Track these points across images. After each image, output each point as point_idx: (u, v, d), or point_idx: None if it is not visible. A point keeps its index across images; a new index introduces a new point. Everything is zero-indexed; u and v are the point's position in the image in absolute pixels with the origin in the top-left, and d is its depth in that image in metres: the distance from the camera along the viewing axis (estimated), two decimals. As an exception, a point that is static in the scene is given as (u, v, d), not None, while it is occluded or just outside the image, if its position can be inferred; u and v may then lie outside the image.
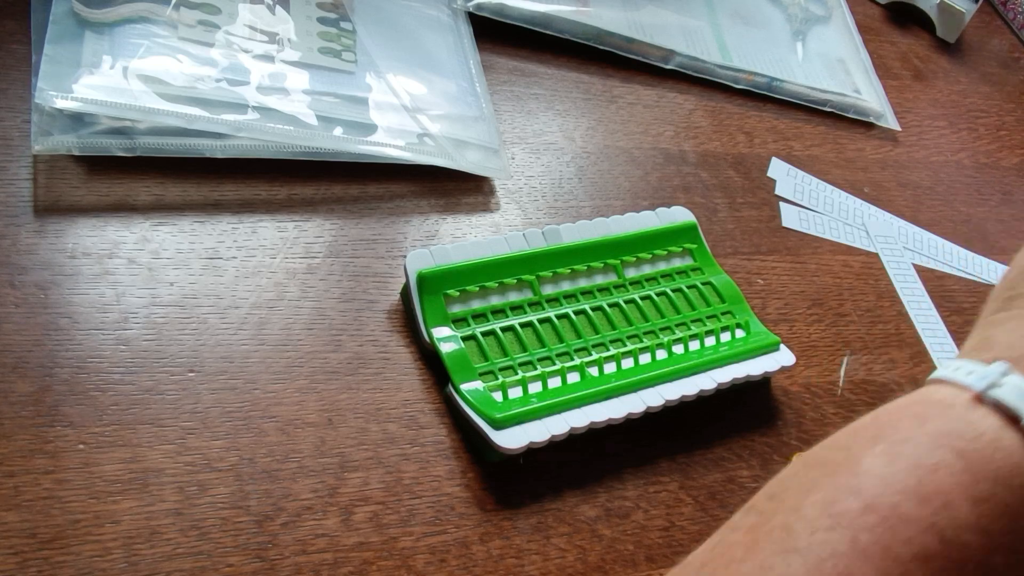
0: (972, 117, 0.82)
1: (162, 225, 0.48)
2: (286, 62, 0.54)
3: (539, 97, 0.64)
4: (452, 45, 0.62)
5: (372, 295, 0.50)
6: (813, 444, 0.52)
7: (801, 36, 0.79)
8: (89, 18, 0.50)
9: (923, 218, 0.70)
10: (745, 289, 0.57)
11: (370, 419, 0.45)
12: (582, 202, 0.59)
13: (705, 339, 0.52)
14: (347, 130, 0.53)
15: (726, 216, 0.63)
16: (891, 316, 0.62)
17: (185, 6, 0.54)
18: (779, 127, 0.72)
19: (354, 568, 0.40)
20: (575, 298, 0.51)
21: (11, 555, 0.36)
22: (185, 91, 0.50)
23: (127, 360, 0.43)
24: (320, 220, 0.52)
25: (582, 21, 0.67)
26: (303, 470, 0.42)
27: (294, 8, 0.58)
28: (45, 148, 0.46)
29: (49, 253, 0.45)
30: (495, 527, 0.43)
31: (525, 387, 0.46)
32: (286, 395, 0.44)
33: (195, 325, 0.45)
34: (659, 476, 0.48)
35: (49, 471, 0.39)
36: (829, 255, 0.64)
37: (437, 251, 0.48)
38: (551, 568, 0.43)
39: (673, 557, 0.45)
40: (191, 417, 0.42)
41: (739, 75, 0.72)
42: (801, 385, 0.55)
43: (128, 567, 0.37)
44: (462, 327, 0.48)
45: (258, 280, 0.48)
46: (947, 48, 0.88)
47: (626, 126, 0.66)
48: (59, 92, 0.46)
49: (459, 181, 0.56)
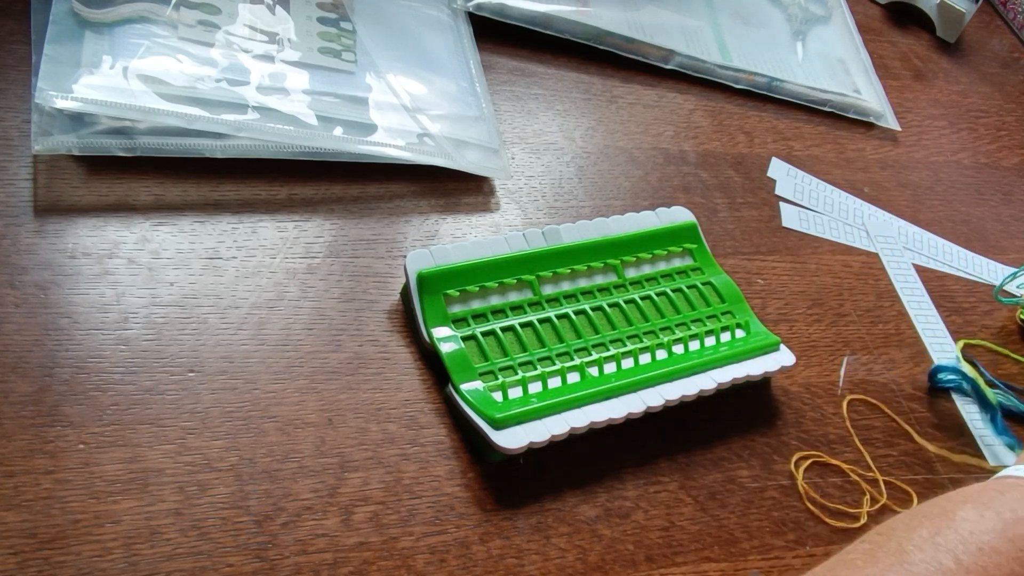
0: (972, 117, 0.82)
1: (162, 225, 0.48)
2: (286, 62, 0.54)
3: (539, 97, 0.64)
4: (452, 45, 0.62)
5: (372, 295, 0.50)
6: (813, 444, 0.52)
7: (801, 36, 0.79)
8: (89, 18, 0.50)
9: (923, 218, 0.70)
10: (745, 289, 0.57)
11: (370, 419, 0.45)
12: (582, 202, 0.59)
13: (705, 339, 0.52)
14: (347, 130, 0.53)
15: (726, 216, 0.63)
16: (891, 316, 0.62)
17: (185, 6, 0.54)
18: (779, 127, 0.72)
19: (354, 568, 0.40)
20: (575, 298, 0.51)
21: (11, 555, 0.36)
22: (185, 91, 0.50)
23: (127, 360, 0.43)
24: (320, 220, 0.52)
25: (582, 21, 0.67)
26: (303, 470, 0.42)
27: (294, 8, 0.58)
28: (45, 148, 0.46)
29: (49, 253, 0.45)
30: (495, 527, 0.43)
31: (525, 387, 0.46)
32: (286, 395, 0.44)
33: (195, 325, 0.45)
34: (659, 476, 0.48)
35: (49, 471, 0.39)
36: (829, 255, 0.64)
37: (437, 251, 0.48)
38: (551, 568, 0.43)
39: (673, 557, 0.45)
40: (191, 417, 0.42)
41: (739, 75, 0.72)
42: (801, 385, 0.55)
43: (128, 567, 0.37)
44: (462, 327, 0.48)
45: (258, 280, 0.48)
46: (947, 48, 0.88)
47: (626, 126, 0.66)
48: (59, 92, 0.46)
49: (459, 181, 0.56)
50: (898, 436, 0.55)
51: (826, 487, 0.51)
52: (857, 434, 0.54)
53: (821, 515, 0.49)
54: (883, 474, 0.52)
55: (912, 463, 0.54)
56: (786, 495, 0.50)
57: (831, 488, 0.51)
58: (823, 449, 0.52)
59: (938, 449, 0.55)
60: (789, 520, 0.49)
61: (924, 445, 0.55)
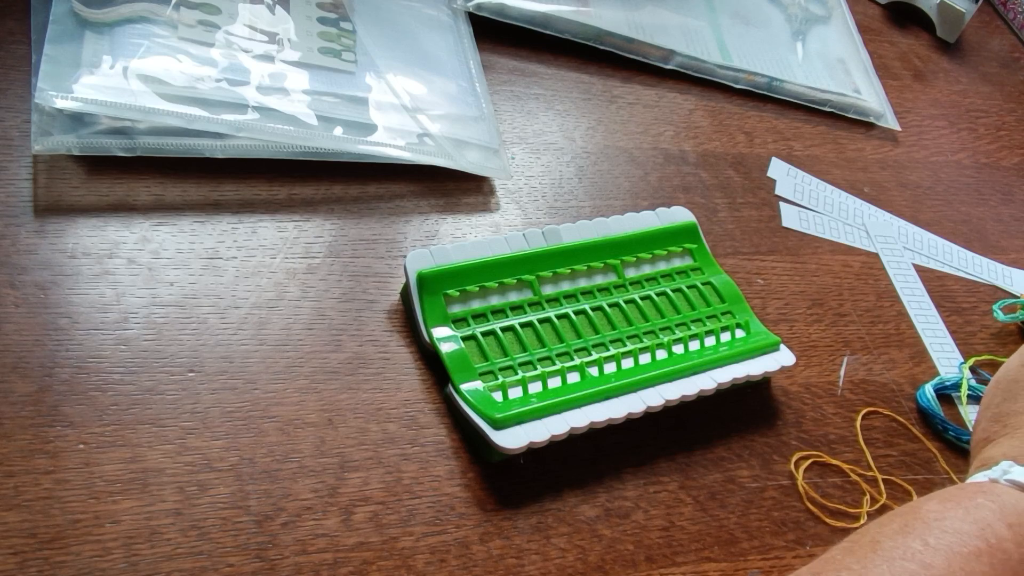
0: (972, 117, 0.82)
1: (162, 225, 0.48)
2: (286, 62, 0.54)
3: (539, 97, 0.64)
4: (452, 45, 0.62)
5: (372, 295, 0.50)
6: (813, 444, 0.52)
7: (801, 36, 0.79)
8: (89, 18, 0.50)
9: (923, 218, 0.70)
10: (745, 289, 0.57)
11: (370, 419, 0.45)
12: (582, 202, 0.59)
13: (705, 339, 0.52)
14: (347, 130, 0.53)
15: (726, 216, 0.63)
16: (891, 316, 0.62)
17: (185, 6, 0.54)
18: (779, 127, 0.72)
19: (354, 568, 0.40)
20: (575, 298, 0.51)
21: (11, 555, 0.36)
22: (185, 91, 0.50)
23: (127, 360, 0.43)
24: (320, 220, 0.52)
25: (582, 21, 0.67)
26: (303, 470, 0.42)
27: (294, 8, 0.58)
28: (45, 148, 0.46)
29: (49, 253, 0.45)
30: (495, 527, 0.43)
31: (525, 387, 0.46)
32: (286, 395, 0.44)
33: (195, 325, 0.45)
34: (659, 476, 0.48)
35: (49, 471, 0.39)
36: (829, 255, 0.64)
37: (437, 251, 0.48)
38: (551, 568, 0.43)
39: (673, 557, 0.45)
40: (191, 417, 0.42)
41: (739, 75, 0.72)
42: (801, 385, 0.55)
43: (128, 567, 0.37)
44: (462, 327, 0.48)
45: (258, 280, 0.48)
46: (947, 48, 0.88)
47: (626, 126, 0.66)
48: (59, 92, 0.46)
49: (459, 181, 0.56)
50: (898, 436, 0.55)
51: (826, 487, 0.51)
52: (858, 434, 0.54)
53: (821, 515, 0.49)
54: (883, 474, 0.52)
55: (912, 463, 0.54)
56: (786, 495, 0.50)
57: (831, 488, 0.51)
58: (823, 449, 0.52)
59: (938, 449, 0.55)
60: (789, 520, 0.49)
61: (924, 444, 0.55)
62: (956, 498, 0.35)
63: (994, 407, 0.42)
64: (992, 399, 0.43)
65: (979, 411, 0.44)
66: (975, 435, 0.43)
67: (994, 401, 0.43)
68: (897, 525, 0.34)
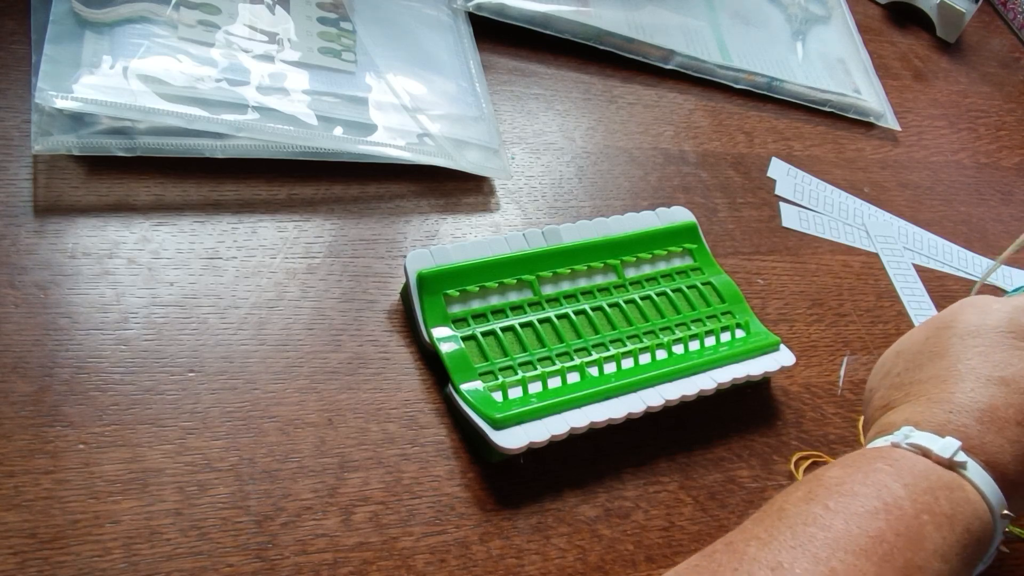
0: (972, 117, 0.82)
1: (162, 225, 0.48)
2: (286, 62, 0.54)
3: (539, 97, 0.64)
4: (452, 45, 0.62)
5: (372, 295, 0.50)
6: (813, 444, 0.52)
7: (801, 36, 0.79)
8: (89, 18, 0.50)
9: (923, 218, 0.70)
10: (745, 289, 0.57)
11: (370, 419, 0.45)
12: (582, 202, 0.59)
13: (705, 339, 0.52)
14: (347, 130, 0.53)
15: (726, 216, 0.63)
16: (891, 316, 0.62)
17: (185, 6, 0.54)
18: (779, 127, 0.72)
19: (354, 568, 0.40)
20: (575, 298, 0.51)
21: (11, 555, 0.36)
22: (185, 91, 0.50)
23: (127, 360, 0.43)
24: (320, 220, 0.52)
25: (582, 21, 0.67)
26: (303, 470, 0.42)
27: (294, 8, 0.58)
28: (45, 148, 0.46)
29: (49, 253, 0.45)
30: (495, 527, 0.43)
31: (525, 387, 0.46)
32: (286, 395, 0.44)
33: (195, 325, 0.45)
34: (659, 476, 0.48)
35: (49, 471, 0.39)
36: (829, 255, 0.64)
37: (437, 251, 0.48)
38: (551, 568, 0.43)
39: (673, 557, 0.45)
40: (191, 417, 0.42)
41: (739, 75, 0.72)
42: (801, 385, 0.55)
43: (128, 567, 0.37)
44: (462, 327, 0.48)
45: (258, 280, 0.48)
46: (947, 48, 0.88)
47: (626, 126, 0.66)
48: (59, 92, 0.46)
49: (459, 181, 0.56)
50: (898, 436, 0.55)
51: (826, 487, 0.51)
52: (859, 434, 0.54)
53: (821, 515, 0.49)
54: (883, 474, 0.52)
55: (912, 463, 0.54)
56: (786, 495, 0.50)
57: (831, 488, 0.51)
58: (823, 449, 0.52)
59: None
60: (789, 520, 0.49)
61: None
62: (856, 464, 0.37)
63: (894, 376, 0.44)
64: (893, 368, 0.44)
65: (873, 380, 0.45)
66: (872, 403, 0.44)
67: (894, 370, 0.44)
68: (802, 493, 0.36)
